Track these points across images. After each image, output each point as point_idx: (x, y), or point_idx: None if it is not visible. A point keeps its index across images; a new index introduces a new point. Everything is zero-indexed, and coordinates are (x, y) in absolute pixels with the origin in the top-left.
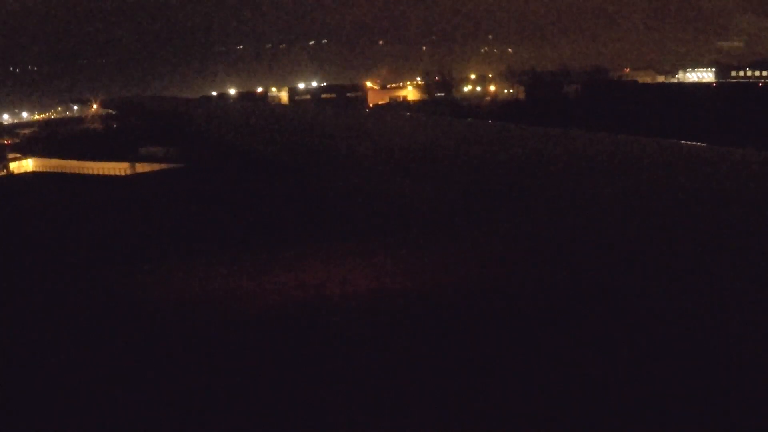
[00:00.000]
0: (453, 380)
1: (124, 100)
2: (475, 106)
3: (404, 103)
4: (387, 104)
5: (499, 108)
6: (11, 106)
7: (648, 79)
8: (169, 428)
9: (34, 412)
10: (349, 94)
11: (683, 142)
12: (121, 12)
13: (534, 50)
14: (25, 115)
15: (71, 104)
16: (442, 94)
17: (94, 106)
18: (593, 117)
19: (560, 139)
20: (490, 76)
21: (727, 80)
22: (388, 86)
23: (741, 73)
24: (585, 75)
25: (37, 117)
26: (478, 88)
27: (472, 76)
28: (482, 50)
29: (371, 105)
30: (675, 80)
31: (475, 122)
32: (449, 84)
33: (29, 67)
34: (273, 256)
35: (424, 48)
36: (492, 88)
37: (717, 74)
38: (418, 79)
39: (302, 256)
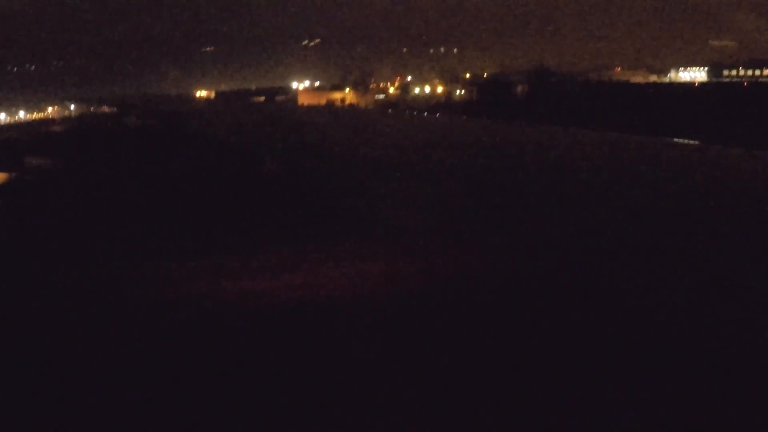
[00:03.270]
0: (453, 382)
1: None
2: (413, 108)
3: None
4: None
5: (439, 108)
6: (9, 106)
7: (640, 79)
8: (168, 428)
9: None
10: (278, 97)
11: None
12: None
13: (521, 50)
14: (22, 114)
15: (68, 103)
16: (382, 96)
17: (50, 109)
18: (536, 116)
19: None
20: (431, 77)
21: (719, 80)
22: (323, 88)
23: (734, 72)
24: (562, 75)
25: (35, 116)
26: (427, 90)
27: (419, 78)
28: (430, 51)
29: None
30: (667, 80)
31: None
32: (395, 86)
33: (27, 66)
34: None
35: (358, 49)
36: (440, 89)
37: (710, 73)
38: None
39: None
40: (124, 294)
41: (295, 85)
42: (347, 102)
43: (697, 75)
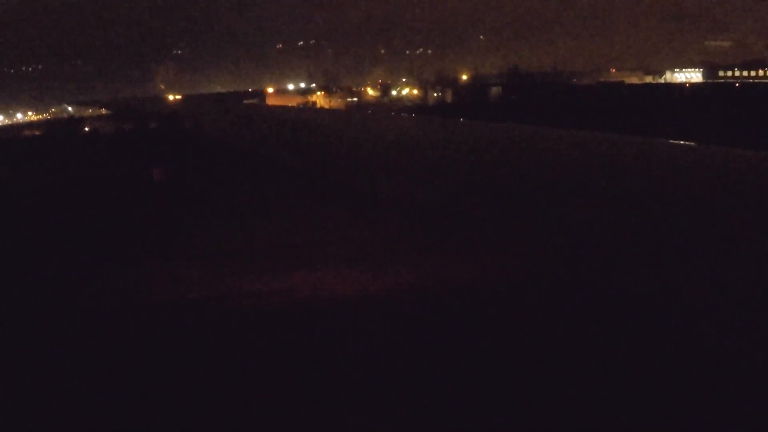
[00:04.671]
0: (453, 382)
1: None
2: (390, 109)
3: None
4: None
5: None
6: (6, 108)
7: (635, 80)
8: (168, 429)
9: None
10: (246, 101)
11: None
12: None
13: (512, 52)
14: (19, 116)
15: (65, 105)
16: (355, 100)
17: (29, 112)
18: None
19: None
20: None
21: (714, 80)
22: (293, 91)
23: (729, 73)
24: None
25: (33, 118)
26: (404, 93)
27: (399, 81)
28: (407, 52)
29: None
30: (662, 80)
31: None
32: (374, 88)
33: (24, 67)
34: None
35: (329, 50)
36: (415, 92)
37: (705, 74)
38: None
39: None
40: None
41: (270, 88)
42: (318, 104)
43: (692, 76)
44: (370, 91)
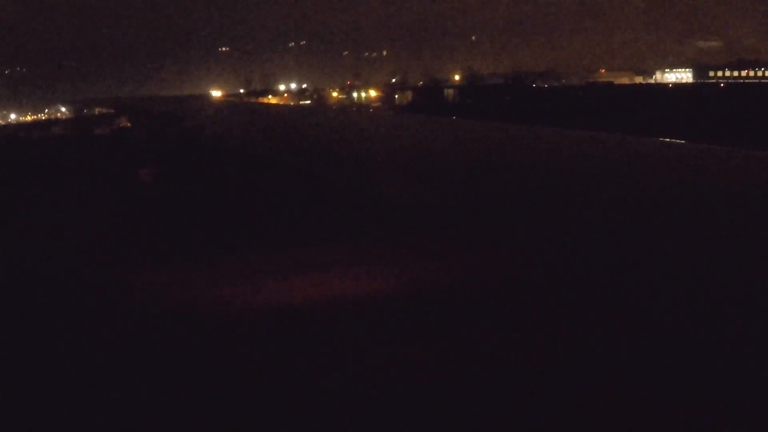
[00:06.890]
0: (452, 383)
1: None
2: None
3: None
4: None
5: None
6: (0, 109)
7: (625, 80)
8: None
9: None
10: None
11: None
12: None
13: (502, 52)
14: (13, 116)
15: (60, 105)
16: (308, 102)
17: (7, 115)
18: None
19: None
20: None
21: (704, 80)
22: (242, 94)
23: (719, 74)
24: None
25: (29, 118)
26: (362, 95)
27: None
28: (365, 55)
29: None
30: (652, 80)
31: None
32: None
33: (18, 68)
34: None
35: (286, 55)
36: (373, 94)
37: (695, 75)
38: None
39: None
40: None
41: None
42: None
43: (683, 76)
44: (341, 94)
